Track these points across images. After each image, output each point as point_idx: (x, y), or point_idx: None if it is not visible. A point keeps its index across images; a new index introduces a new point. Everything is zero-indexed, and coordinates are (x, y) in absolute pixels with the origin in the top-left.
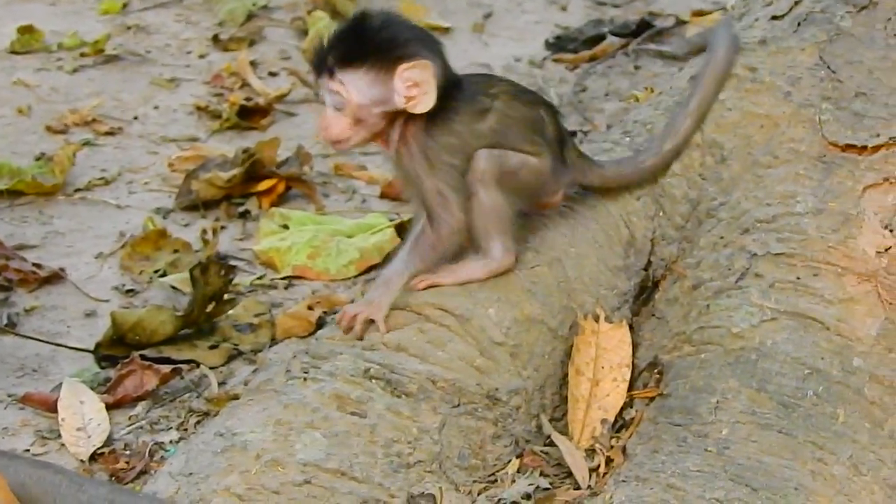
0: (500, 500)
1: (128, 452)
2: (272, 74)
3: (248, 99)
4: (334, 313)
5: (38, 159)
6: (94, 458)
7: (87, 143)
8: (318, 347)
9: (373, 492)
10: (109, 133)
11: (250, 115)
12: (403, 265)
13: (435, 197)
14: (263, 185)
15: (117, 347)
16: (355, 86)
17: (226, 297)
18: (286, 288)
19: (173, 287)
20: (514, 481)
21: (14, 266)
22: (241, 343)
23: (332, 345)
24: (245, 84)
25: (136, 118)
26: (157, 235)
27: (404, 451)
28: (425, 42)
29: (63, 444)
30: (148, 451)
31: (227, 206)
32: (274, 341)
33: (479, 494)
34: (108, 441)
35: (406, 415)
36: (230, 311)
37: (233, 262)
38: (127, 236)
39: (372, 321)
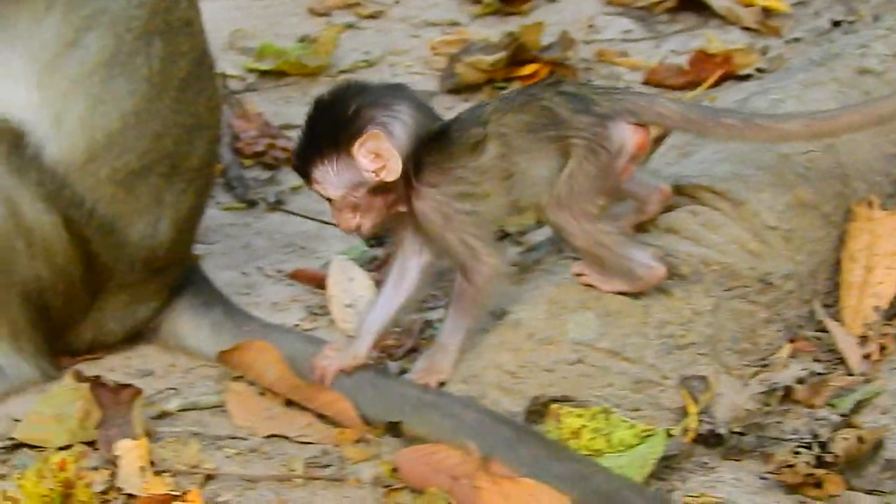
0: (772, 384)
1: (398, 330)
2: None
3: None
4: None
5: (301, 41)
6: None
7: (349, 26)
8: None
9: (645, 372)
10: (371, 16)
11: (512, 0)
12: (453, 326)
13: (461, 249)
14: (527, 70)
15: None
16: (326, 181)
17: None
18: None
19: None
20: (786, 366)
21: (280, 145)
22: (506, 224)
23: None
24: None
25: (397, 2)
26: None
27: (677, 332)
28: (374, 107)
29: (332, 321)
30: (418, 328)
31: (490, 89)
32: (539, 223)
33: (751, 378)
34: None
35: (679, 297)
36: None
37: None
38: None
39: (443, 383)
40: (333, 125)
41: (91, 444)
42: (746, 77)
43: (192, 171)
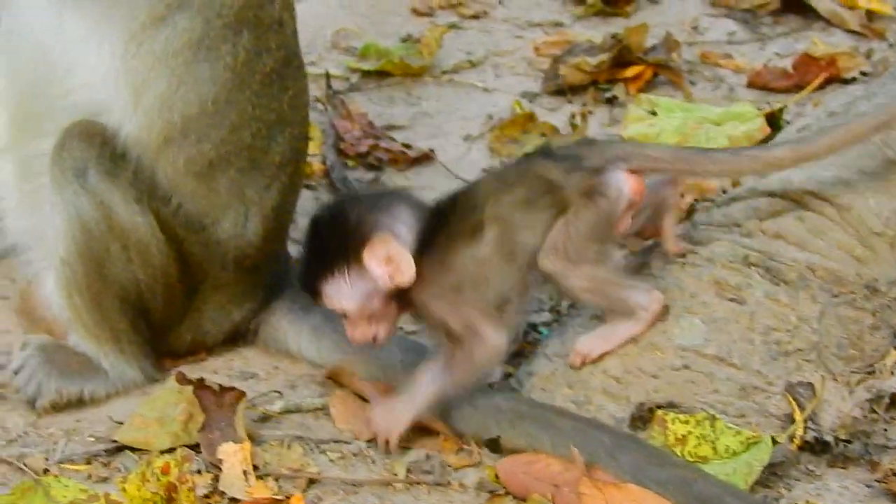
0: (879, 391)
1: None
2: None
3: None
4: (706, 201)
5: (404, 41)
6: None
7: (452, 26)
8: (696, 233)
9: (750, 379)
10: (474, 17)
11: (615, 1)
12: (430, 380)
13: (464, 331)
14: (631, 72)
15: None
16: (341, 295)
17: None
18: None
19: None
20: (892, 373)
21: (384, 146)
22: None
23: (710, 231)
24: None
25: (500, 2)
26: (524, 119)
27: (783, 338)
28: (375, 212)
29: None
30: (521, 332)
31: (593, 91)
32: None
33: (857, 385)
34: None
35: (785, 302)
36: None
37: None
38: (494, 119)
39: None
40: (338, 238)
41: (194, 447)
42: (851, 80)
43: (274, 167)
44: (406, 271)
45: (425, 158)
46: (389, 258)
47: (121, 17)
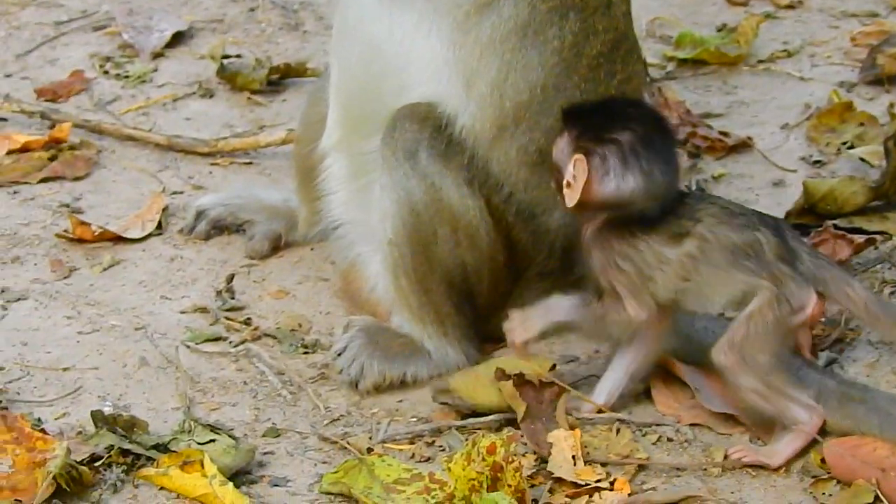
0: None
1: (823, 320)
2: None
3: None
4: None
5: (719, 30)
6: None
7: (768, 16)
8: None
9: None
10: (789, 6)
11: None
12: (569, 306)
13: (610, 292)
14: None
15: (808, 216)
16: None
17: None
18: None
19: (861, 159)
20: None
21: (701, 133)
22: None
23: None
24: None
25: None
26: (842, 108)
27: None
28: (603, 129)
29: None
30: (844, 318)
31: None
32: None
33: None
34: None
35: None
36: None
37: None
38: (812, 108)
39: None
40: (578, 130)
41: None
42: None
43: None
44: (571, 198)
45: (743, 146)
46: (574, 178)
47: (446, 6)
